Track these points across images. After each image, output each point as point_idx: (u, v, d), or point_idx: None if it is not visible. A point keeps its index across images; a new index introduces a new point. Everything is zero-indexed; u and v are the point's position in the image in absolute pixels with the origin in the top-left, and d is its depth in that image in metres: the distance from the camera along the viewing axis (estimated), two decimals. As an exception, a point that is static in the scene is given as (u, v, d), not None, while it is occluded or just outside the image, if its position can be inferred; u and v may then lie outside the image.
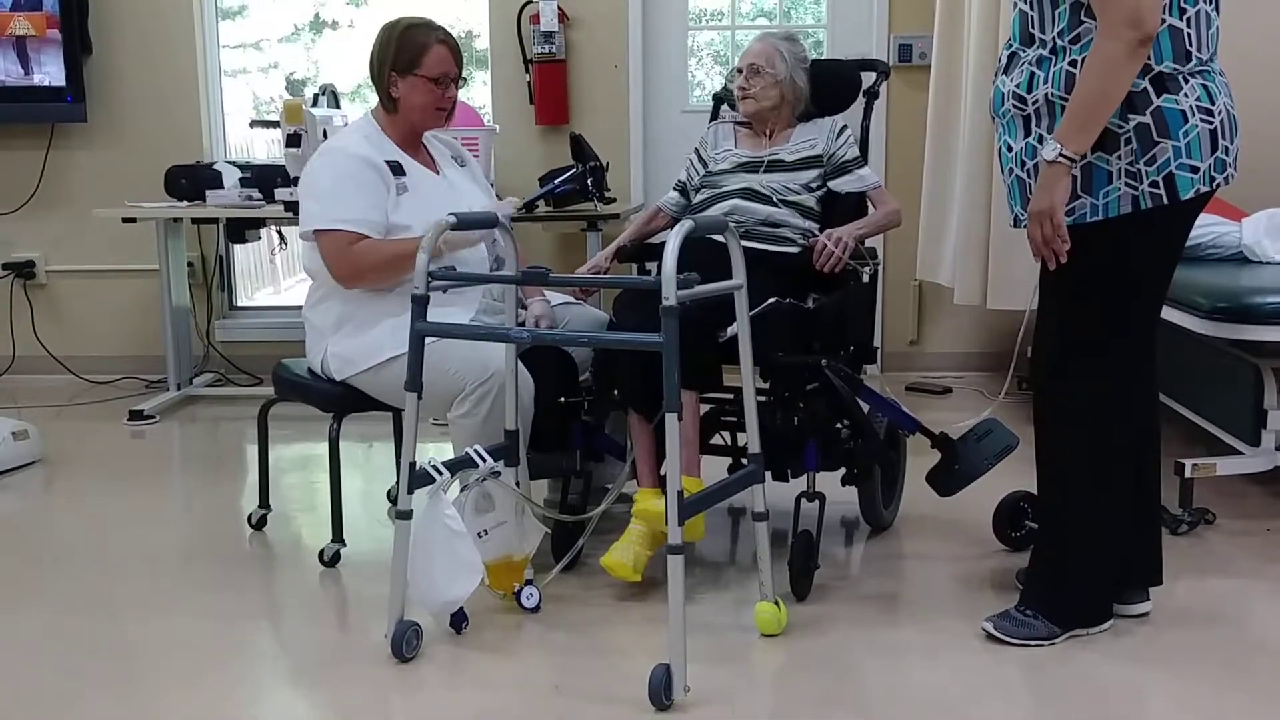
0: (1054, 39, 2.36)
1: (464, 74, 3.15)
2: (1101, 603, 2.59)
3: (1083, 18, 2.31)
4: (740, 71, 3.25)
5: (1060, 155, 2.28)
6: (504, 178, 5.09)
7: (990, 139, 4.36)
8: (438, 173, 3.16)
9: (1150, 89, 2.30)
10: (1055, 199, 2.31)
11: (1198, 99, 2.32)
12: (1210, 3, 2.34)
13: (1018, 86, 2.41)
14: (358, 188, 2.98)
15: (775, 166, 3.21)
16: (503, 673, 2.48)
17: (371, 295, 3.00)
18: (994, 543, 3.11)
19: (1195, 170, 2.32)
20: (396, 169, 3.03)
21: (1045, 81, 2.36)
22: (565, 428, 3.06)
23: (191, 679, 2.48)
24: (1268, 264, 3.81)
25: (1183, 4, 2.30)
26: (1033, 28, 2.40)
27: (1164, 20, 2.27)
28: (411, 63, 3.03)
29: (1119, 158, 2.33)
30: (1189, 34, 2.30)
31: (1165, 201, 2.33)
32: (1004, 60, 2.48)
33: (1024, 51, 2.42)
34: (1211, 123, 2.33)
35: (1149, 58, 2.27)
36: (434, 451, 3.34)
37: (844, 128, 3.26)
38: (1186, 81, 2.31)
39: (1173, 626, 2.63)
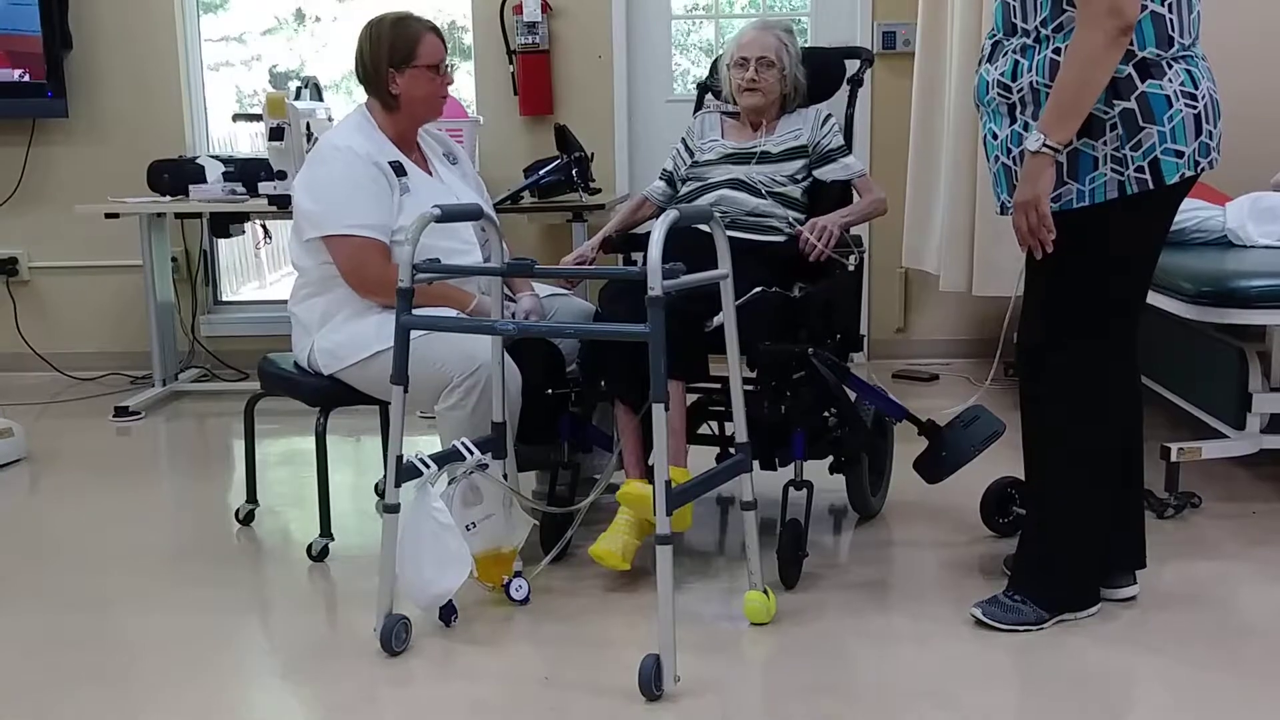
0: (1036, 28, 2.36)
1: (452, 62, 3.13)
2: (1089, 587, 2.60)
3: (1065, 6, 2.31)
4: (746, 62, 3.21)
5: (1044, 145, 2.29)
6: (488, 169, 5.07)
7: (975, 126, 4.37)
8: (431, 172, 3.14)
9: (1134, 75, 2.30)
10: (1039, 189, 2.32)
11: (1181, 84, 2.32)
12: None
13: (1002, 75, 2.42)
14: (368, 190, 2.95)
15: (763, 158, 3.20)
16: (493, 665, 2.48)
17: (356, 292, 2.99)
18: (982, 529, 3.12)
19: (1180, 155, 2.33)
20: (399, 169, 3.01)
21: (1030, 70, 2.36)
22: (553, 419, 3.06)
23: (181, 675, 2.47)
24: (1251, 248, 3.82)
25: None
26: (1015, 17, 2.40)
27: (1145, 6, 2.28)
28: (408, 55, 3.00)
29: (1105, 143, 2.33)
30: (1171, 19, 2.31)
31: (1151, 186, 2.34)
32: (987, 49, 2.49)
33: (1007, 40, 2.43)
34: (1195, 107, 2.33)
35: (1132, 43, 2.28)
36: (422, 445, 3.33)
37: (828, 116, 3.26)
38: (1170, 67, 2.32)
39: (1160, 609, 2.65)
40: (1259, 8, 4.53)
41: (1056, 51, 2.32)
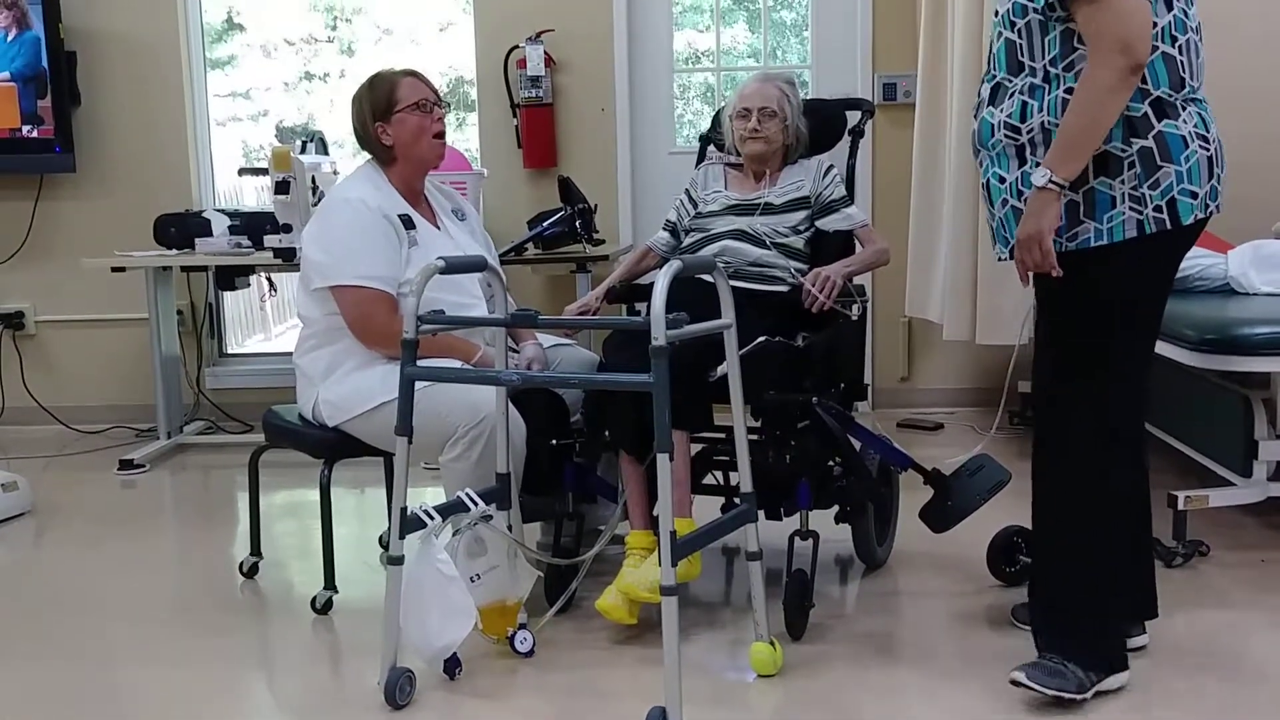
0: (1045, 66, 2.35)
1: (445, 101, 3.18)
2: (1109, 635, 2.48)
3: (1075, 44, 2.30)
4: (748, 113, 3.24)
5: (1050, 181, 2.28)
6: (493, 221, 5.10)
7: (976, 175, 4.39)
8: (439, 226, 3.17)
9: (1150, 114, 2.30)
10: (1043, 224, 2.30)
11: (1195, 125, 2.32)
12: (1197, 33, 2.36)
13: (1009, 116, 2.39)
14: (377, 242, 2.98)
15: (766, 209, 3.22)
16: (498, 718, 2.46)
17: (361, 343, 3.00)
18: (988, 578, 3.11)
19: (1195, 196, 2.32)
20: (408, 223, 3.04)
21: (1041, 110, 2.35)
22: (557, 470, 3.06)
23: (183, 730, 2.46)
24: (1254, 295, 3.83)
25: (1174, 32, 2.30)
26: (1022, 55, 2.39)
27: (1157, 47, 2.28)
28: (388, 105, 3.06)
29: (1122, 182, 2.31)
30: (1182, 61, 2.31)
31: (1168, 226, 2.32)
32: (986, 92, 2.46)
33: (1010, 81, 2.41)
34: (1208, 149, 2.33)
35: (1146, 82, 2.28)
36: (426, 496, 3.32)
37: (830, 167, 3.28)
38: (1184, 108, 2.32)
39: (1170, 659, 2.62)
40: (1260, 53, 4.56)
41: (1069, 90, 2.30)
